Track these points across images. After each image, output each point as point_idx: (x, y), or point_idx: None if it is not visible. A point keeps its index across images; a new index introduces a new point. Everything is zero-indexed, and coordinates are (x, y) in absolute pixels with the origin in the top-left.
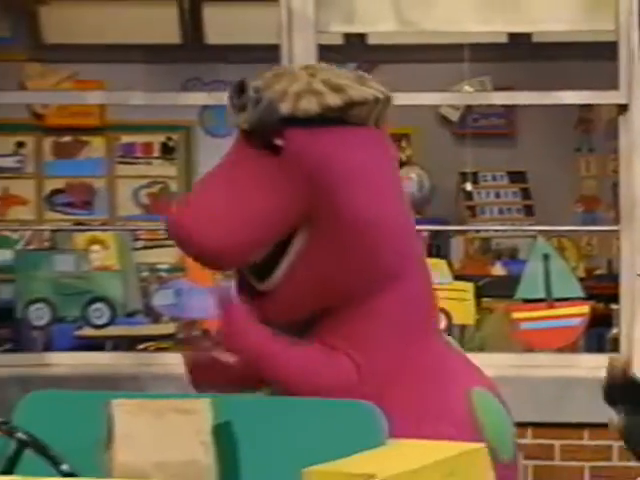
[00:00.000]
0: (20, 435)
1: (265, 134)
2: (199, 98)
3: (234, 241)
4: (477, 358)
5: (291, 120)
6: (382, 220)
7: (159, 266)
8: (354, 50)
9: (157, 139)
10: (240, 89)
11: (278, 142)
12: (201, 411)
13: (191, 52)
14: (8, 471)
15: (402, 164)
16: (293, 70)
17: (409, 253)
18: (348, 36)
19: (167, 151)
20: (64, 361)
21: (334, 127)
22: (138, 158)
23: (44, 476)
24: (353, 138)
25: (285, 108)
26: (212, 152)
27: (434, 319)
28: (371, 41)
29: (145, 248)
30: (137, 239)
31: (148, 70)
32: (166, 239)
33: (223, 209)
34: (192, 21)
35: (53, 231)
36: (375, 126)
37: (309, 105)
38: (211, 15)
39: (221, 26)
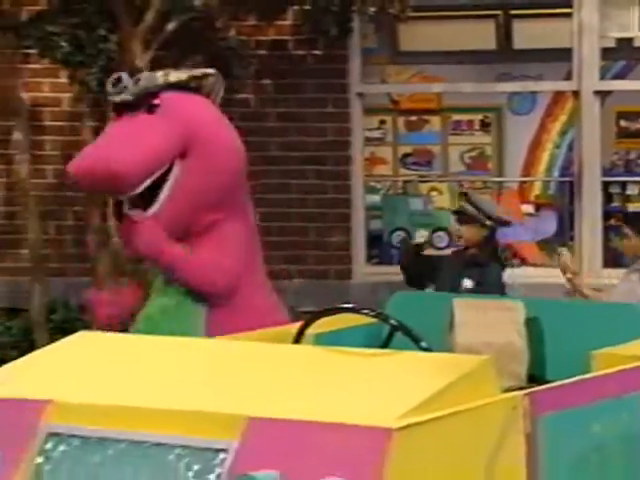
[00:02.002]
0: (392, 321)
1: (147, 98)
2: (508, 87)
3: (133, 165)
4: None
5: (162, 87)
6: (239, 150)
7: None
8: (624, 51)
9: (477, 117)
10: (118, 79)
11: (156, 102)
12: (516, 309)
13: (503, 54)
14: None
15: None
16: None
17: (247, 191)
18: (619, 40)
19: (484, 126)
20: None
21: (187, 94)
22: (464, 131)
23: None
24: (200, 100)
25: (159, 79)
26: (516, 126)
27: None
28: (636, 44)
29: None
30: (461, 186)
31: (472, 68)
32: (483, 187)
33: (119, 146)
34: (505, 32)
35: (405, 182)
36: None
37: (171, 78)
38: (519, 27)
39: (526, 35)
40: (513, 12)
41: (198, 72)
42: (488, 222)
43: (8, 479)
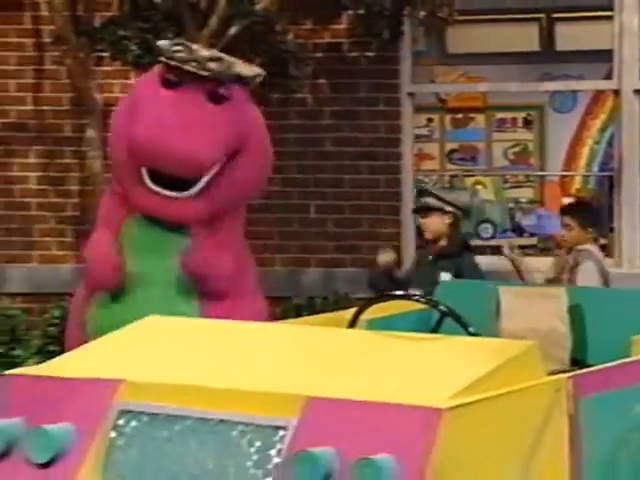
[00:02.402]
0: (442, 307)
1: (216, 83)
2: (550, 86)
3: (209, 150)
4: None
5: (234, 79)
6: (271, 157)
7: (521, 199)
8: None
9: (520, 115)
10: (186, 46)
11: (226, 93)
12: (560, 296)
13: (546, 55)
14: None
15: None
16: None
17: None
18: None
19: (527, 123)
20: None
21: (246, 92)
22: (507, 128)
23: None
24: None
25: (235, 70)
26: (557, 123)
27: None
28: None
29: (511, 187)
30: (506, 182)
31: (515, 68)
32: (526, 181)
33: (195, 130)
34: (547, 34)
35: (451, 176)
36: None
37: (243, 72)
38: (561, 29)
39: (568, 36)
40: (556, 15)
41: (257, 71)
42: (449, 208)
43: (84, 451)
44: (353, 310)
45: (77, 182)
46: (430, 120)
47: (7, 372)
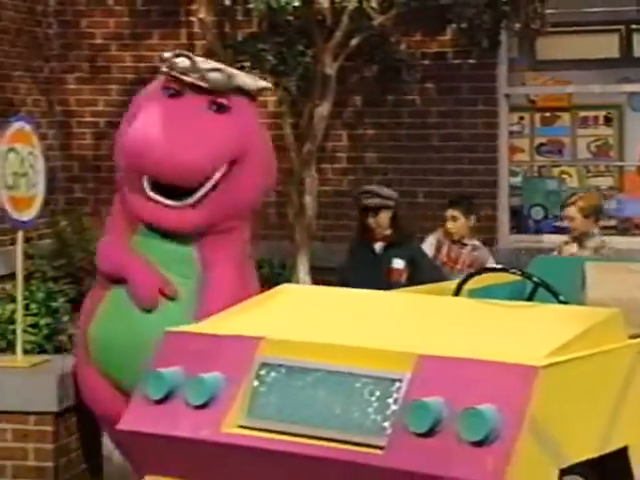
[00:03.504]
0: (535, 279)
1: (217, 93)
2: (629, 88)
3: (205, 160)
4: None
5: (235, 90)
6: (274, 166)
7: (602, 186)
8: None
9: (601, 113)
10: (189, 58)
11: (226, 102)
12: (639, 270)
13: (624, 61)
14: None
15: None
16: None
17: None
18: None
19: (607, 120)
20: (547, 239)
21: (249, 101)
22: (589, 125)
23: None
24: (256, 110)
25: (236, 81)
26: (634, 121)
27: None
28: None
29: (593, 176)
30: (588, 171)
31: (597, 73)
32: (606, 171)
33: (193, 139)
34: (626, 43)
35: (540, 167)
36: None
37: (246, 84)
38: (638, 38)
39: None
40: (633, 26)
41: (264, 84)
42: (391, 203)
43: (232, 396)
44: (457, 281)
45: None
46: (522, 118)
47: (168, 330)
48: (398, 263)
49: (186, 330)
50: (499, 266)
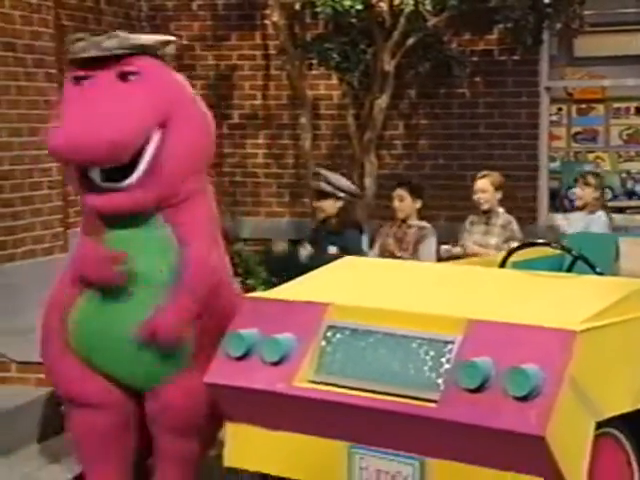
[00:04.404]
0: (574, 252)
1: (122, 63)
2: None
3: (129, 132)
4: None
5: (137, 51)
6: (209, 117)
7: (632, 170)
8: None
9: (633, 105)
10: (79, 39)
11: (132, 69)
12: None
13: None
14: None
15: None
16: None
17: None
18: None
19: (638, 111)
20: None
21: (157, 61)
22: (622, 115)
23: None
24: (170, 68)
25: (130, 41)
26: None
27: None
28: None
29: (625, 162)
30: (620, 157)
31: (628, 68)
32: (637, 156)
33: (110, 115)
34: None
35: (576, 153)
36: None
37: (141, 41)
38: None
39: None
40: None
41: (163, 38)
42: (341, 194)
43: (303, 355)
44: (503, 253)
45: (292, 157)
46: (560, 109)
47: (245, 295)
48: (332, 249)
49: (262, 296)
50: (542, 241)
